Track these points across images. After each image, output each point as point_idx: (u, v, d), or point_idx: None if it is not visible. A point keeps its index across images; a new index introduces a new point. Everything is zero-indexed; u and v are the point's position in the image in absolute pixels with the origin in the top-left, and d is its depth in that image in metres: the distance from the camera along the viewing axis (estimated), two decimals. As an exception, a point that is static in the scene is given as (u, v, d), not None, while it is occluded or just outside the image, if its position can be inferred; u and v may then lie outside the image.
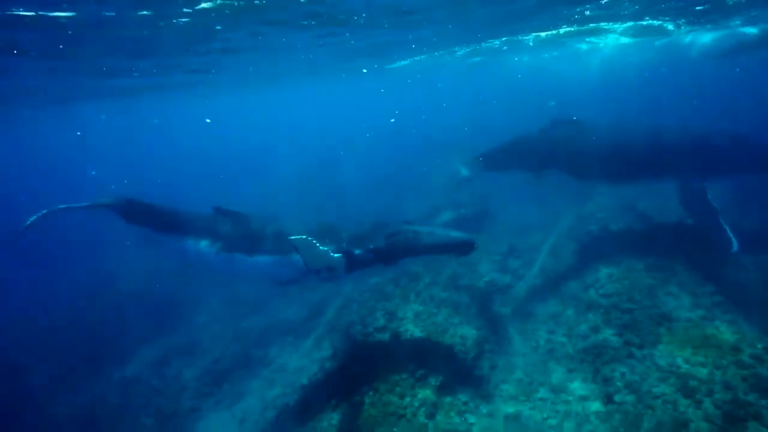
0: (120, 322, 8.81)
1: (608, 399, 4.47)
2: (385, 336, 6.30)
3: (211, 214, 5.45)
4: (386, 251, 4.85)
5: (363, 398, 5.09)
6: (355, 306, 7.54)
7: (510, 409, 4.81)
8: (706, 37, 15.91)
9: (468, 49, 16.32)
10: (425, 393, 4.99)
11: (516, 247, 8.33)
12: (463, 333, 5.98)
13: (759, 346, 4.53)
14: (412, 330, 6.25)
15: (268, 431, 5.92)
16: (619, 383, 4.56)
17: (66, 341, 8.66)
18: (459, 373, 5.30)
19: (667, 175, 6.54)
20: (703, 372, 4.32)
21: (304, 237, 4.47)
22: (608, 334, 5.29)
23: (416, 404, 4.85)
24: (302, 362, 7.01)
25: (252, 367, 7.47)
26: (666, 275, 6.07)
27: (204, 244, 5.32)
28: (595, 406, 4.49)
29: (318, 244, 4.61)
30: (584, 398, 4.66)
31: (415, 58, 16.58)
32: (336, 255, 4.84)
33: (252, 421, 6.25)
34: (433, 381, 5.17)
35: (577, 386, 4.88)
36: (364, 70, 18.69)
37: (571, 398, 4.72)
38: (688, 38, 16.47)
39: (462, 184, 9.80)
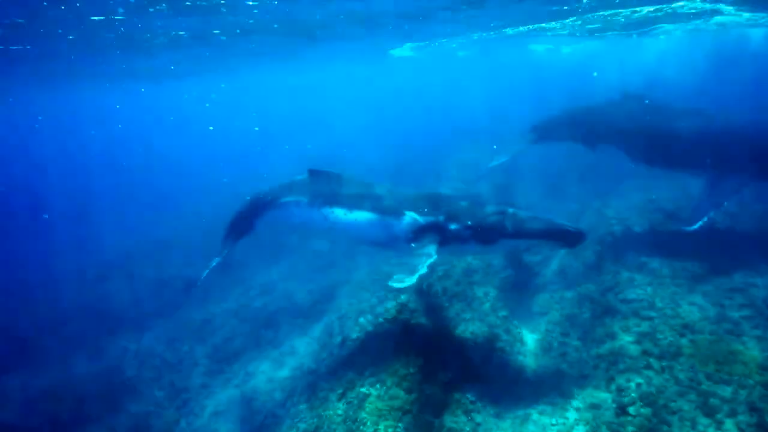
0: (135, 297, 9.07)
1: (622, 410, 4.33)
2: (395, 327, 6.25)
3: (306, 178, 5.67)
4: (485, 230, 4.69)
5: (369, 390, 5.08)
6: (366, 294, 7.50)
7: (519, 411, 4.73)
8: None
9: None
10: (433, 389, 4.94)
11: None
12: (475, 330, 5.89)
13: (789, 366, 4.30)
14: (423, 323, 6.19)
15: (275, 413, 6.02)
16: (634, 394, 4.41)
17: (83, 312, 8.96)
18: (468, 371, 5.23)
19: (734, 172, 6.09)
20: (726, 390, 4.13)
21: (403, 203, 4.89)
22: (626, 342, 5.10)
23: (423, 400, 4.81)
24: (311, 347, 7.06)
25: (262, 348, 7.58)
26: (691, 284, 5.81)
27: (304, 201, 5.62)
28: (608, 415, 4.36)
29: (415, 214, 4.77)
30: (595, 406, 4.54)
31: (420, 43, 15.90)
32: (431, 227, 4.85)
33: (260, 402, 6.37)
34: (442, 377, 5.11)
35: (589, 393, 4.75)
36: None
37: (581, 405, 4.61)
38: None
39: (483, 175, 9.55)
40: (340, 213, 5.35)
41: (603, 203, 8.87)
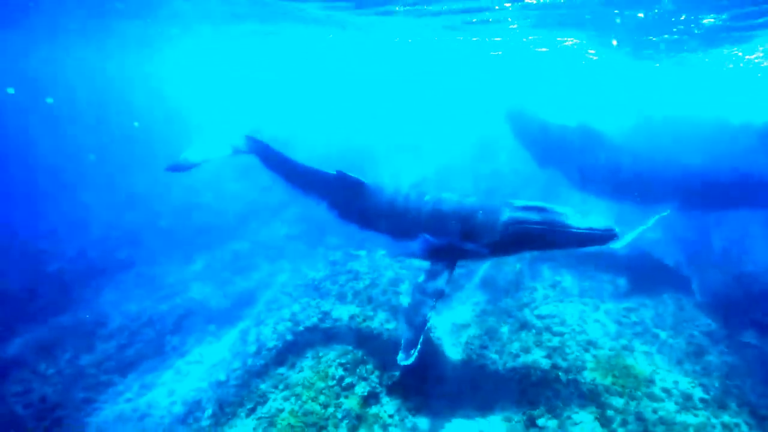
0: (2, 292, 7.57)
1: (531, 422, 4.49)
2: (315, 337, 5.94)
3: (334, 177, 5.31)
4: (504, 245, 4.45)
5: (283, 405, 4.71)
6: (287, 300, 7.09)
7: (436, 424, 4.69)
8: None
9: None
10: (351, 403, 4.72)
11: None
12: (398, 340, 5.79)
13: (669, 380, 4.80)
14: (345, 333, 5.95)
15: (174, 430, 5.33)
16: (543, 407, 4.60)
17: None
18: (388, 383, 5.09)
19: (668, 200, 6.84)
20: (620, 402, 4.48)
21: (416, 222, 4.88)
22: (538, 356, 5.36)
23: (339, 415, 4.56)
24: (223, 355, 6.44)
25: (165, 357, 6.74)
26: (596, 302, 6.32)
27: (324, 203, 5.61)
28: (518, 428, 4.49)
29: (428, 236, 4.78)
30: (508, 419, 4.66)
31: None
32: (445, 249, 4.79)
33: (156, 418, 5.60)
34: (360, 390, 4.92)
35: (504, 405, 4.87)
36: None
37: (496, 418, 4.70)
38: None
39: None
40: (354, 227, 5.47)
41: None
